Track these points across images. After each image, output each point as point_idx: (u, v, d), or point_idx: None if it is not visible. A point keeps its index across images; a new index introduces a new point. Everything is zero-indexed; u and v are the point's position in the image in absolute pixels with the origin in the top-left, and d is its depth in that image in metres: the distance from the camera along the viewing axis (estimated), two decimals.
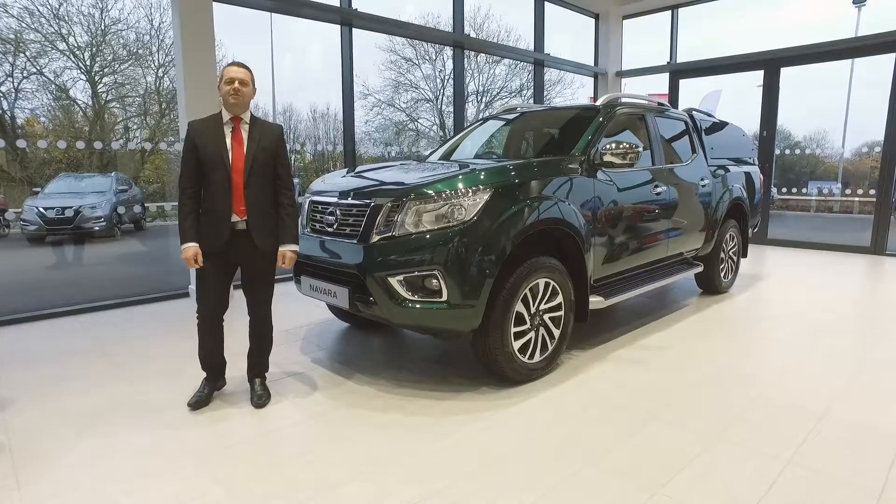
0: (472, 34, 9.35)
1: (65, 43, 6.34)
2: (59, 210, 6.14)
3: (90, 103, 6.86)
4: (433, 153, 4.84)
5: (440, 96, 10.54)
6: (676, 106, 9.05)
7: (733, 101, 9.36)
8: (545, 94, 9.22)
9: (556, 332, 3.28)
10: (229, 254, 2.75)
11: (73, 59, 6.45)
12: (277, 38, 8.20)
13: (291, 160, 2.95)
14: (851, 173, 10.96)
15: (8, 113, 6.18)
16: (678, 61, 9.39)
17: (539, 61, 8.89)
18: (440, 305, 2.80)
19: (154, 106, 7.44)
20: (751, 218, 5.72)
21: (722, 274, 5.26)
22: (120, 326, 4.38)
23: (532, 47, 8.80)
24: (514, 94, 11.37)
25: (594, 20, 9.74)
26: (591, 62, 9.81)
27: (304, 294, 3.43)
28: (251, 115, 2.80)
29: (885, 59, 7.40)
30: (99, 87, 6.89)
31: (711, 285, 5.25)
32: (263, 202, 2.77)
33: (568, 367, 3.40)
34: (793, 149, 10.16)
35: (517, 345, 3.03)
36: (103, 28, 6.69)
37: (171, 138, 6.76)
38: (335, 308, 4.08)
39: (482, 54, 9.58)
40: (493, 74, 11.23)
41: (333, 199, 3.24)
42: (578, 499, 2.06)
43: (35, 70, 6.21)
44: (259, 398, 2.87)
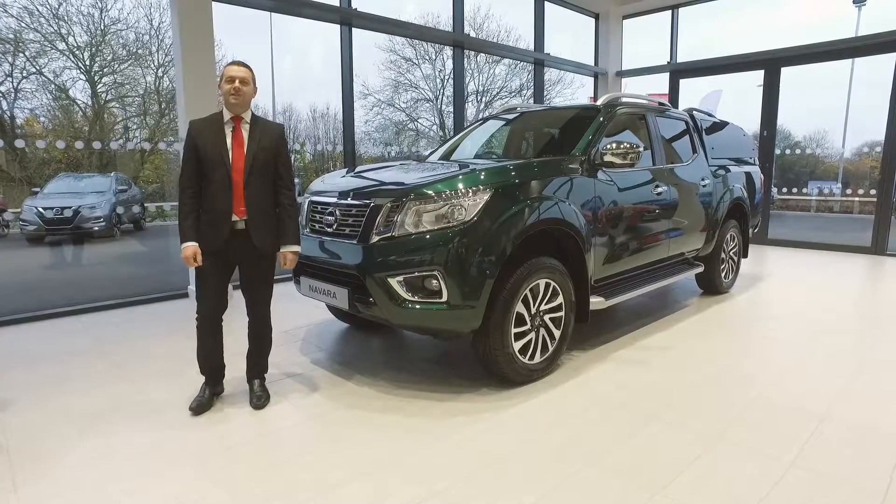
0: (472, 34, 9.34)
1: (64, 43, 6.34)
2: (58, 210, 6.13)
3: (90, 103, 6.86)
4: (433, 153, 4.84)
5: (440, 96, 10.54)
6: (676, 106, 9.04)
7: (733, 101, 9.36)
8: (545, 93, 9.22)
9: (557, 333, 3.28)
10: (228, 253, 2.74)
11: (73, 58, 6.45)
12: (277, 38, 8.19)
13: (291, 160, 2.94)
14: (851, 173, 10.96)
15: (7, 113, 6.18)
16: (678, 61, 9.38)
17: (539, 61, 8.89)
18: (440, 306, 2.79)
19: (154, 106, 7.43)
20: (751, 218, 5.71)
21: (723, 274, 5.25)
22: (121, 326, 4.38)
23: (532, 47, 8.80)
24: (514, 93, 11.37)
25: (594, 20, 9.74)
26: (591, 62, 9.81)
27: (304, 295, 3.42)
28: (252, 114, 2.79)
29: (886, 59, 7.40)
30: (98, 86, 6.89)
31: (712, 285, 5.24)
32: (263, 202, 2.76)
33: (568, 368, 3.39)
34: (793, 149, 10.15)
35: (517, 345, 3.03)
36: (103, 28, 6.69)
37: (171, 138, 6.76)
38: (335, 309, 4.07)
39: (482, 54, 9.57)
40: (493, 74, 11.24)
41: (333, 200, 3.23)
42: (579, 499, 2.05)
43: (35, 70, 6.21)
44: (258, 399, 2.87)
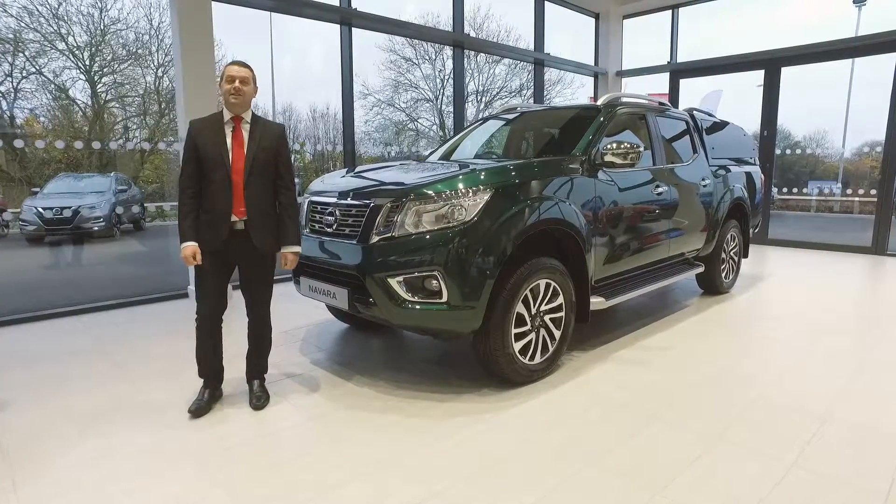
0: (472, 34, 9.33)
1: (64, 43, 6.32)
2: (57, 210, 6.11)
3: (90, 103, 6.84)
4: (433, 153, 4.83)
5: (440, 96, 10.52)
6: (677, 106, 9.03)
7: (734, 101, 9.35)
8: (545, 93, 9.22)
9: (557, 334, 3.27)
10: (228, 253, 2.73)
11: (73, 58, 6.43)
12: (277, 38, 8.17)
13: (292, 160, 2.93)
14: (851, 173, 10.94)
15: (7, 113, 6.17)
16: (678, 61, 9.38)
17: (539, 61, 8.89)
18: (440, 306, 2.78)
19: (153, 106, 7.42)
20: (752, 218, 5.71)
21: (723, 274, 5.25)
22: (122, 326, 4.37)
23: (532, 47, 8.80)
24: (514, 93, 11.35)
25: (594, 20, 9.73)
26: (592, 62, 9.81)
27: (304, 295, 3.41)
28: (252, 114, 2.78)
29: (886, 59, 7.39)
30: (98, 86, 6.87)
31: (713, 286, 5.24)
32: (263, 202, 2.75)
33: (569, 369, 3.39)
34: (793, 149, 10.13)
35: (518, 346, 3.02)
36: (102, 28, 6.67)
37: (171, 138, 6.75)
38: (334, 309, 4.07)
39: (482, 54, 9.56)
40: (493, 74, 11.21)
41: (333, 200, 3.23)
42: (579, 500, 2.05)
43: (34, 70, 6.20)
44: (258, 400, 2.86)
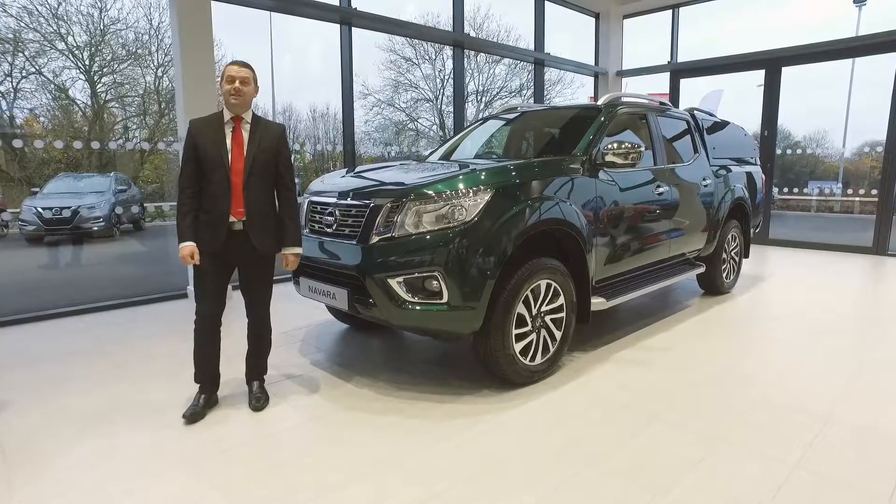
0: (472, 34, 9.32)
1: (64, 42, 6.31)
2: (56, 210, 6.11)
3: (89, 103, 6.83)
4: (433, 153, 4.82)
5: (440, 96, 10.50)
6: (677, 106, 9.01)
7: (734, 101, 9.34)
8: (545, 93, 9.20)
9: (558, 334, 3.26)
10: (227, 254, 2.72)
11: (72, 58, 6.42)
12: (277, 38, 8.16)
13: (292, 160, 2.92)
14: (852, 173, 10.92)
15: (7, 113, 6.16)
16: (679, 61, 9.36)
17: (539, 61, 8.88)
18: (440, 307, 2.77)
19: (153, 106, 7.41)
20: (752, 218, 5.70)
21: (724, 274, 5.24)
22: (123, 327, 4.37)
23: (532, 47, 8.79)
24: (514, 93, 11.34)
25: (594, 19, 9.72)
26: (592, 62, 9.80)
27: (303, 295, 3.40)
28: (253, 114, 2.76)
29: (886, 59, 7.38)
30: (98, 86, 6.85)
31: (713, 286, 5.23)
32: (263, 203, 2.74)
33: (570, 369, 3.38)
34: (793, 149, 10.12)
35: (518, 347, 3.01)
36: (102, 28, 6.66)
37: (171, 138, 6.74)
38: (334, 309, 4.05)
39: (482, 54, 9.55)
40: (493, 74, 11.19)
41: (333, 200, 3.22)
42: (580, 501, 2.04)
43: (34, 70, 6.18)
44: (257, 401, 2.85)
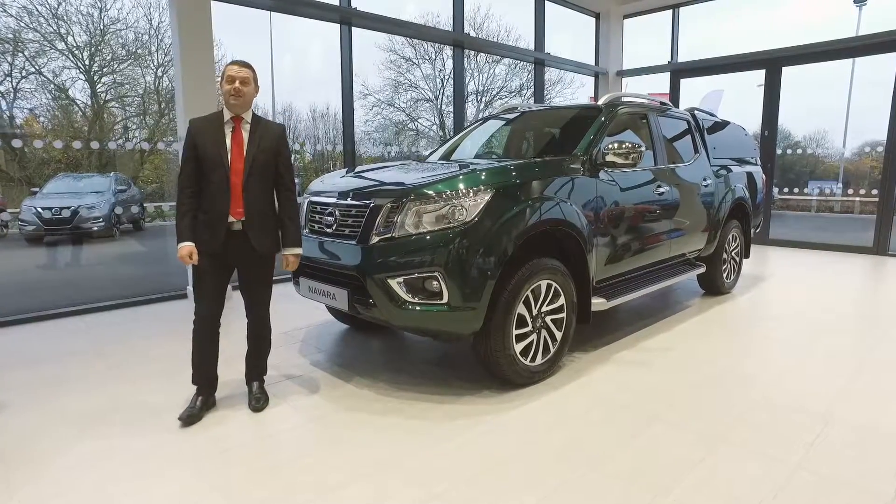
0: (472, 33, 9.31)
1: (63, 42, 6.31)
2: (56, 210, 6.10)
3: (89, 103, 6.83)
4: (433, 153, 4.82)
5: (440, 96, 10.50)
6: (677, 106, 9.00)
7: (734, 101, 9.34)
8: (545, 93, 9.20)
9: (559, 335, 3.25)
10: (226, 254, 2.71)
11: (72, 58, 6.42)
12: (277, 38, 8.16)
13: (292, 160, 2.91)
14: (852, 173, 10.91)
15: (7, 113, 6.15)
16: (679, 61, 9.36)
17: (539, 61, 8.87)
18: (441, 307, 2.77)
19: (153, 106, 7.41)
20: (753, 218, 5.69)
21: (724, 275, 5.23)
22: (123, 327, 4.36)
23: (532, 47, 8.78)
24: (514, 93, 11.34)
25: (595, 19, 9.72)
26: (592, 62, 9.79)
27: (303, 296, 3.40)
28: (253, 114, 2.76)
29: (886, 59, 7.38)
30: (98, 86, 6.85)
31: (714, 286, 5.22)
32: (262, 204, 2.73)
33: (570, 370, 3.37)
34: (793, 148, 10.11)
35: (519, 347, 3.00)
36: (102, 27, 6.65)
37: (170, 138, 6.73)
38: (334, 310, 4.05)
39: (482, 54, 9.55)
40: (493, 74, 11.19)
41: (332, 200, 3.21)
42: (580, 501, 2.03)
43: (34, 70, 6.18)
44: (257, 401, 2.84)
